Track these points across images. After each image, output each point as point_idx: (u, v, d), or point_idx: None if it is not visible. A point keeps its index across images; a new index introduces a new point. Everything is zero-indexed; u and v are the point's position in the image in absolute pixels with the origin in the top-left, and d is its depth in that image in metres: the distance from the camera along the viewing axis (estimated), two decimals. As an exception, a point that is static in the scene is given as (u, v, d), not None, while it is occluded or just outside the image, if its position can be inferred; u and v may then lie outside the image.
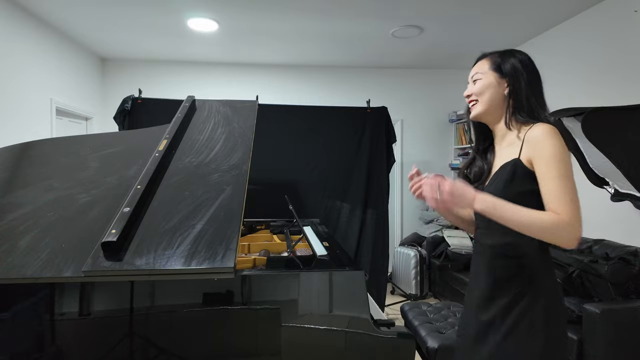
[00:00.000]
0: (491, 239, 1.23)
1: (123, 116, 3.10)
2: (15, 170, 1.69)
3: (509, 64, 1.23)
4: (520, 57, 1.24)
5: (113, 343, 1.27)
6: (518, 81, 1.20)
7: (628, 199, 2.08)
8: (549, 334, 1.07)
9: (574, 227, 1.00)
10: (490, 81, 1.24)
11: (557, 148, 1.08)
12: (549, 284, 1.12)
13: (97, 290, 1.27)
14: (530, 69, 1.22)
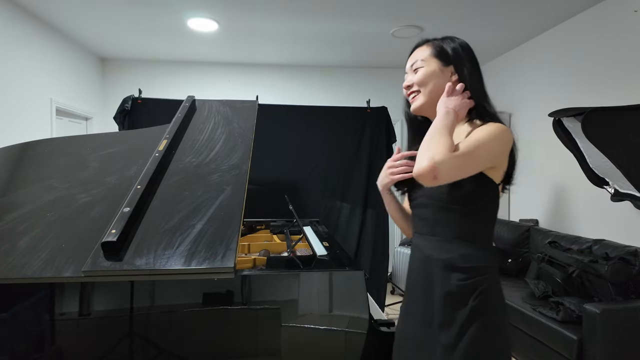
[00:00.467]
0: (438, 248, 1.06)
1: (123, 116, 3.10)
2: (15, 170, 1.69)
3: (452, 49, 1.13)
4: (460, 41, 1.17)
5: (113, 343, 1.27)
6: (461, 69, 1.10)
7: (628, 199, 2.08)
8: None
9: (442, 164, 0.89)
10: (433, 69, 1.11)
11: (491, 133, 0.98)
12: (498, 302, 1.06)
13: (97, 290, 1.27)
14: (471, 56, 1.15)
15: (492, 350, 0.98)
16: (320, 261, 1.54)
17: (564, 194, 3.48)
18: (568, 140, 2.19)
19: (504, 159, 1.03)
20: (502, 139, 1.00)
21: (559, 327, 2.38)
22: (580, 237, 3.04)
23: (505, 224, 3.95)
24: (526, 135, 4.04)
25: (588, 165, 2.18)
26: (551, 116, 2.17)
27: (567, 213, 3.43)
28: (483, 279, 1.03)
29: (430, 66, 1.12)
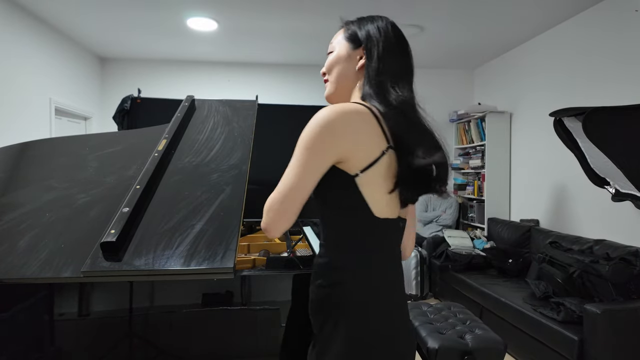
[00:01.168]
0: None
1: (122, 116, 3.09)
2: (15, 170, 1.69)
3: (364, 30, 0.99)
4: (380, 22, 1.01)
5: (112, 344, 1.26)
6: (370, 52, 0.95)
7: (629, 199, 2.07)
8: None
9: (266, 215, 0.83)
10: (341, 54, 1.00)
11: (305, 134, 0.83)
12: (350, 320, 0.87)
13: (96, 291, 1.27)
14: (389, 39, 0.97)
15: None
16: (321, 261, 1.53)
17: (564, 194, 3.47)
18: (569, 140, 2.19)
19: (336, 150, 0.82)
20: (315, 126, 0.82)
21: (560, 327, 2.37)
22: (581, 238, 3.04)
23: (506, 224, 3.95)
24: (526, 135, 4.03)
25: (589, 165, 2.18)
26: (552, 116, 2.16)
27: (568, 213, 3.42)
28: (331, 289, 0.89)
29: (339, 50, 1.01)
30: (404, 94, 0.90)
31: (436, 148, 0.90)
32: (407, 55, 0.98)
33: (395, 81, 0.92)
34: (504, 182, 4.32)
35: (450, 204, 4.61)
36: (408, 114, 0.88)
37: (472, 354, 1.90)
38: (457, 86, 5.11)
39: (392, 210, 0.90)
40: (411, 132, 0.87)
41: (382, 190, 0.86)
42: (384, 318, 0.88)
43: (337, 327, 0.86)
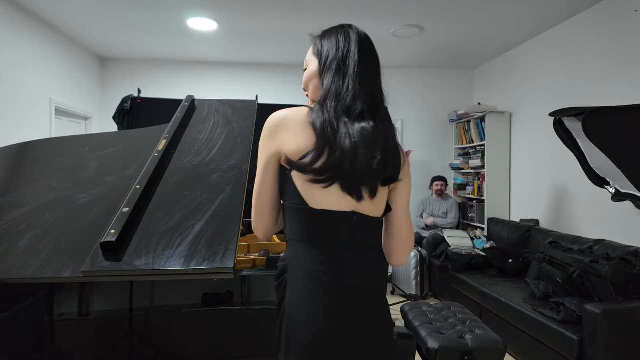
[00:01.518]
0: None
1: (122, 116, 3.09)
2: (15, 170, 1.69)
3: (322, 44, 1.02)
4: (339, 33, 1.01)
5: (113, 343, 1.26)
6: (321, 64, 1.00)
7: (629, 199, 2.07)
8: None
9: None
10: (312, 69, 1.04)
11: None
12: (294, 295, 0.93)
13: (97, 291, 1.27)
14: (342, 50, 0.98)
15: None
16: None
17: (564, 194, 3.48)
18: (569, 140, 2.19)
19: (270, 149, 0.96)
20: (259, 143, 0.99)
21: (560, 327, 2.37)
22: (580, 238, 3.04)
23: (505, 224, 3.95)
24: (526, 135, 4.04)
25: (589, 165, 2.18)
26: (552, 116, 2.16)
27: (567, 213, 3.43)
28: (282, 278, 0.98)
29: (311, 67, 1.05)
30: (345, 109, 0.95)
31: (352, 149, 0.90)
32: (365, 70, 0.99)
33: (326, 93, 0.97)
34: (503, 182, 4.32)
35: (451, 205, 4.60)
36: (332, 114, 0.93)
37: (472, 354, 1.90)
38: (457, 86, 5.11)
39: (336, 202, 0.93)
40: (328, 131, 0.92)
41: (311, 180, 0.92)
42: (309, 310, 0.90)
43: (279, 315, 0.96)
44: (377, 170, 0.91)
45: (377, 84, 1.01)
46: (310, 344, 0.88)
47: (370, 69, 0.99)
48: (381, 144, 0.92)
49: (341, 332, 0.90)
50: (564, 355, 2.33)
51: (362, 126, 0.92)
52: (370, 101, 0.96)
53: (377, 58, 1.03)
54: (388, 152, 0.93)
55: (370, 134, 0.91)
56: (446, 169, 5.07)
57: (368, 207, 0.96)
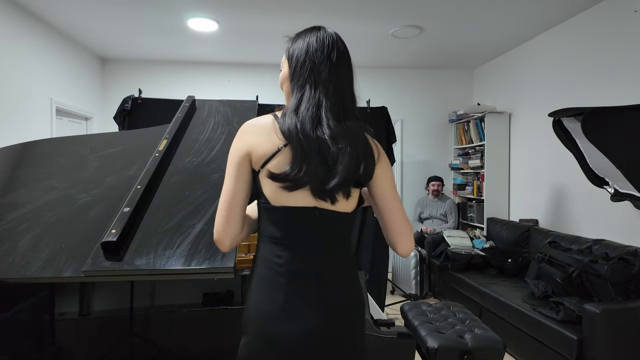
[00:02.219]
0: None
1: (123, 116, 3.10)
2: (15, 170, 1.69)
3: (293, 47, 1.03)
4: (310, 36, 1.02)
5: (113, 343, 1.27)
6: (291, 69, 1.01)
7: (628, 199, 2.08)
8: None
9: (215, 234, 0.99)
10: (284, 73, 1.06)
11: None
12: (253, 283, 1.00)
13: (97, 290, 1.27)
14: (311, 54, 0.99)
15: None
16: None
17: (563, 194, 3.48)
18: (568, 140, 2.19)
19: (239, 155, 0.98)
20: (232, 144, 1.00)
21: (559, 327, 2.38)
22: (580, 237, 3.05)
23: (505, 224, 3.96)
24: (526, 136, 4.04)
25: (588, 165, 2.18)
26: (551, 116, 2.17)
27: (567, 213, 3.43)
28: (251, 271, 1.03)
29: (283, 69, 1.06)
30: (304, 103, 0.96)
31: (306, 153, 0.92)
32: (324, 65, 0.99)
33: (300, 89, 0.99)
34: (503, 182, 4.33)
35: (450, 207, 4.59)
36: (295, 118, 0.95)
37: (471, 353, 1.91)
38: (457, 86, 5.12)
39: (298, 200, 0.95)
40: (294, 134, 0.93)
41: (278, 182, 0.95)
42: (262, 301, 0.96)
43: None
44: (348, 174, 0.92)
45: (348, 87, 1.01)
46: (258, 326, 0.95)
47: (340, 73, 1.00)
48: (351, 148, 0.93)
49: (287, 318, 0.94)
50: (563, 355, 2.34)
51: (331, 132, 0.93)
52: (340, 105, 0.97)
53: (348, 60, 1.04)
54: (359, 155, 0.94)
55: (340, 139, 0.93)
56: (445, 169, 5.08)
57: (335, 203, 0.97)
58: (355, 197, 1.01)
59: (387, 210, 1.03)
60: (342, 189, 0.95)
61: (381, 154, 1.02)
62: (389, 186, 1.03)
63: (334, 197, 0.95)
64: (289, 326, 0.93)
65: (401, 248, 1.04)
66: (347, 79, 1.01)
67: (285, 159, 0.94)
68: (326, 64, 0.98)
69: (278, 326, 0.93)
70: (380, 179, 1.01)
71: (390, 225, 1.03)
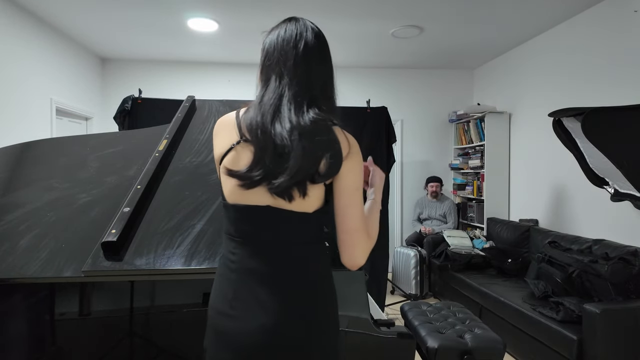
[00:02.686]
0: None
1: (123, 116, 3.10)
2: (15, 170, 1.69)
3: (266, 40, 1.04)
4: (282, 28, 1.03)
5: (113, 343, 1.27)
6: (261, 61, 1.02)
7: (628, 199, 2.08)
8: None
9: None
10: (260, 68, 1.05)
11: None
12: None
13: (97, 290, 1.27)
14: (281, 46, 0.99)
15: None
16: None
17: (563, 194, 3.48)
18: (568, 140, 2.19)
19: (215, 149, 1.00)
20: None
21: (559, 327, 2.38)
22: (580, 237, 3.05)
23: (505, 224, 3.96)
24: (525, 136, 4.04)
25: (588, 165, 2.18)
26: (551, 116, 2.17)
27: (567, 213, 3.43)
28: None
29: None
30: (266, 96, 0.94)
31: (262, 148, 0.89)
32: (290, 56, 0.96)
33: (266, 82, 0.98)
34: (503, 182, 4.33)
35: (449, 208, 4.59)
36: (255, 113, 0.93)
37: (471, 353, 1.91)
38: (457, 86, 5.12)
39: (251, 197, 0.92)
40: (253, 129, 0.91)
41: (233, 178, 0.93)
42: (215, 296, 0.97)
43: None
44: (300, 170, 0.86)
45: (317, 79, 0.95)
46: (211, 321, 0.96)
47: (309, 64, 0.95)
48: (307, 141, 0.87)
49: (235, 315, 0.92)
50: (563, 355, 2.34)
51: (290, 125, 0.88)
52: (306, 98, 0.92)
53: (321, 52, 0.98)
54: (316, 149, 0.87)
55: (296, 132, 0.87)
56: (446, 169, 5.07)
57: (291, 202, 0.91)
58: (317, 196, 0.92)
59: (339, 214, 0.94)
60: (297, 186, 0.88)
61: (353, 150, 0.93)
62: (349, 186, 0.93)
63: (290, 195, 0.89)
64: (236, 323, 0.91)
65: (343, 258, 0.96)
66: (317, 71, 0.95)
67: (238, 156, 0.92)
68: (292, 54, 0.95)
69: (226, 322, 0.92)
70: (344, 176, 0.92)
71: (338, 232, 0.95)
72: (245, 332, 0.90)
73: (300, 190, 0.89)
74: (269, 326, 0.89)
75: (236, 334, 0.91)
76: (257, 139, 0.89)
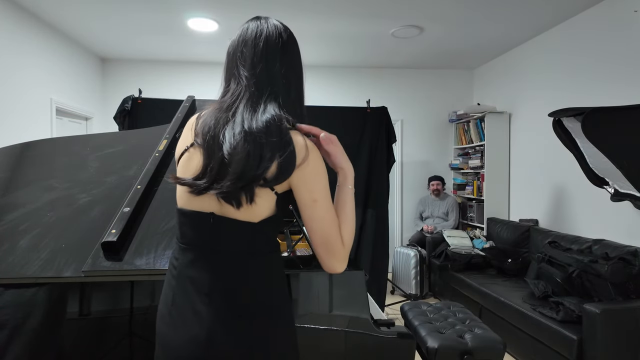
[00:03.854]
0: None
1: (123, 116, 3.10)
2: (15, 170, 1.69)
3: (230, 41, 1.00)
4: (243, 28, 0.99)
5: (113, 343, 1.27)
6: (224, 63, 1.00)
7: (628, 199, 2.08)
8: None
9: None
10: None
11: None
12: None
13: (97, 290, 1.27)
14: (239, 46, 0.95)
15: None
16: (320, 261, 1.53)
17: (564, 194, 3.48)
18: (568, 140, 2.19)
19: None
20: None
21: (559, 327, 2.38)
22: (580, 237, 3.05)
23: (505, 224, 3.96)
24: (526, 136, 4.04)
25: (588, 165, 2.18)
26: (551, 116, 2.17)
27: (567, 213, 3.43)
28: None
29: None
30: (224, 98, 0.92)
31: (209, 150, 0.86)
32: (249, 56, 0.93)
33: (226, 83, 0.95)
34: (503, 182, 4.33)
35: (451, 206, 4.59)
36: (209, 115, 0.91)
37: (471, 353, 1.91)
38: (457, 86, 5.12)
39: (196, 202, 0.90)
40: (204, 133, 0.88)
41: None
42: (161, 299, 0.96)
43: None
44: (243, 174, 0.82)
45: (278, 80, 0.91)
46: (156, 325, 0.95)
47: (269, 63, 0.91)
48: (261, 147, 0.83)
49: (172, 321, 0.90)
50: (563, 355, 2.34)
51: (240, 128, 0.84)
52: (264, 99, 0.88)
53: (285, 52, 0.94)
54: (268, 152, 0.83)
55: (250, 138, 0.83)
56: (446, 169, 5.07)
57: (235, 211, 0.87)
58: (266, 206, 0.87)
59: (307, 228, 0.90)
60: (244, 190, 0.84)
61: (311, 157, 0.86)
62: (306, 197, 0.87)
63: (238, 200, 0.85)
64: (171, 330, 0.89)
65: (323, 266, 0.93)
66: (278, 70, 0.91)
67: (190, 158, 0.91)
68: (251, 54, 0.92)
69: (164, 328, 0.91)
70: (299, 187, 0.87)
71: (312, 243, 0.91)
72: (178, 341, 0.87)
73: (247, 196, 0.84)
74: (200, 339, 0.85)
75: (171, 340, 0.89)
76: (207, 145, 0.86)
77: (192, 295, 0.88)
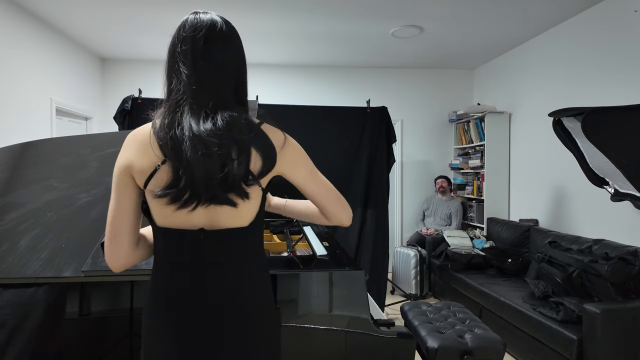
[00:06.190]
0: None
1: (123, 116, 3.10)
2: (15, 170, 1.69)
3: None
4: (181, 23, 0.94)
5: (113, 343, 1.27)
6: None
7: (628, 199, 2.08)
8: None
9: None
10: None
11: None
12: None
13: (97, 290, 1.27)
14: (179, 43, 0.91)
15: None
16: (320, 261, 1.54)
17: (563, 194, 3.48)
18: (568, 140, 2.19)
19: (118, 171, 0.90)
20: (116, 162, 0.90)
21: (559, 327, 2.38)
22: (580, 237, 3.05)
23: (505, 224, 3.96)
24: (526, 136, 4.04)
25: (588, 165, 2.18)
26: (551, 116, 2.17)
27: (567, 213, 3.43)
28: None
29: None
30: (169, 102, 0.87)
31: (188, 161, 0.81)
32: (189, 51, 0.89)
33: (169, 82, 0.90)
34: (503, 182, 4.33)
35: (456, 210, 4.57)
36: (168, 127, 0.84)
37: (471, 353, 1.91)
38: (457, 86, 5.12)
39: (182, 220, 0.86)
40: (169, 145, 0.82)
41: (163, 201, 0.84)
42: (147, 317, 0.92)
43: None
44: (235, 174, 0.81)
45: (224, 75, 0.88)
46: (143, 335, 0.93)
47: (210, 58, 0.87)
48: (235, 143, 0.82)
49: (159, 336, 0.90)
50: (563, 355, 2.34)
51: (208, 129, 0.81)
52: (211, 96, 0.84)
53: (227, 45, 0.91)
54: (244, 148, 0.82)
55: (220, 136, 0.81)
56: (446, 168, 5.07)
57: (226, 219, 0.86)
58: (252, 203, 0.88)
59: (317, 197, 0.98)
60: (234, 190, 0.83)
61: (288, 141, 0.93)
62: (305, 174, 0.95)
63: (231, 201, 0.84)
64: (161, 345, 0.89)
65: (339, 221, 1.02)
66: (221, 65, 0.87)
67: (165, 177, 0.83)
68: (190, 51, 0.87)
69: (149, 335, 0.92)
70: (292, 172, 0.93)
71: (326, 207, 1.00)
72: (168, 353, 0.88)
73: (240, 194, 0.84)
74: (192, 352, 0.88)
75: (162, 354, 0.89)
76: (178, 158, 0.81)
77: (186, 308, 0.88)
